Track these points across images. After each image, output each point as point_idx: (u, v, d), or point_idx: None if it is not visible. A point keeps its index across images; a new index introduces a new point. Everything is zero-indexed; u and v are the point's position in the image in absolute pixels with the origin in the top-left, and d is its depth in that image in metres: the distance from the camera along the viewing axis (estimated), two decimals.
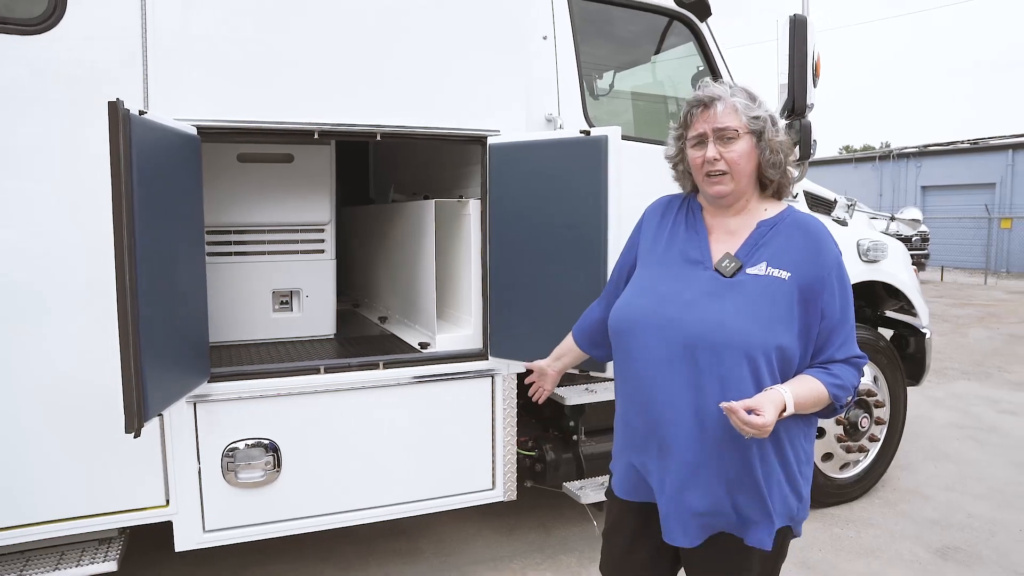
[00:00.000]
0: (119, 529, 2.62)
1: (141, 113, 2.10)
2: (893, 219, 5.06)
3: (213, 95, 2.49)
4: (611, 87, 4.00)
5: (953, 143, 23.98)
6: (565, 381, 2.28)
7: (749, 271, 1.67)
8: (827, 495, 3.99)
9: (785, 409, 1.56)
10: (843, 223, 4.19)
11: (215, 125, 2.51)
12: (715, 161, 1.71)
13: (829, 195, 4.34)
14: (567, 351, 2.19)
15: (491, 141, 2.91)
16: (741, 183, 1.73)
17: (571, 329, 2.17)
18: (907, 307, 4.43)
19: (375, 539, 3.59)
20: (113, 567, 2.47)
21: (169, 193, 2.30)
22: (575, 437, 3.35)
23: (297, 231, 3.40)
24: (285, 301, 3.42)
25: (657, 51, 3.84)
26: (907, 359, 4.47)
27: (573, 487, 3.24)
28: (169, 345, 2.30)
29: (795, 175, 1.83)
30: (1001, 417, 5.88)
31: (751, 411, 1.51)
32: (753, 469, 1.63)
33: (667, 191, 1.97)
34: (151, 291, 2.12)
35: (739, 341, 1.60)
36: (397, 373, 2.88)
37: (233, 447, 2.63)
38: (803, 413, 1.63)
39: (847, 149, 35.90)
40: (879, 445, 4.17)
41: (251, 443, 2.65)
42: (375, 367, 2.84)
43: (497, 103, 2.92)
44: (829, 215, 4.18)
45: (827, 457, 3.98)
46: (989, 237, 20.32)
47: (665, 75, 4.04)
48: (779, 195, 1.81)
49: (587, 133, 2.70)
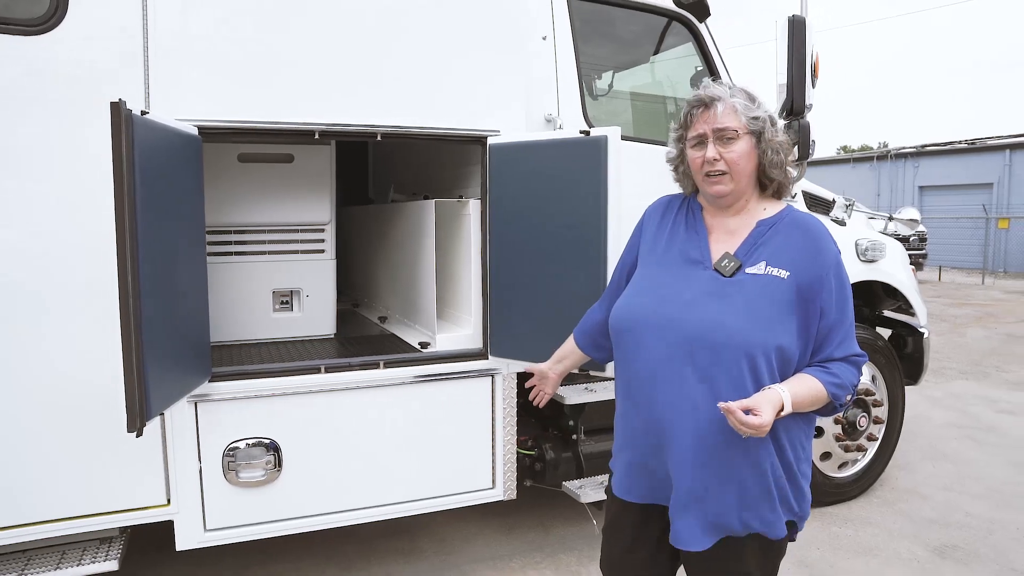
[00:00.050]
0: (120, 528, 2.62)
1: (143, 113, 2.10)
2: (891, 219, 5.07)
3: (213, 95, 2.50)
4: (610, 87, 4.01)
5: (951, 143, 24.01)
6: (564, 380, 2.28)
7: (748, 270, 1.68)
8: (825, 494, 4.00)
9: (783, 408, 1.57)
10: (841, 223, 4.21)
11: (216, 125, 2.51)
12: (715, 161, 1.72)
13: (827, 195, 4.35)
14: (568, 354, 2.17)
15: (491, 141, 2.92)
16: (741, 183, 1.74)
17: (572, 331, 2.16)
18: (905, 307, 4.44)
19: (376, 538, 3.60)
20: (114, 566, 2.48)
21: (171, 193, 2.31)
22: (575, 436, 3.35)
23: (297, 231, 3.40)
24: (285, 301, 3.42)
25: (656, 51, 3.85)
26: (905, 359, 4.48)
27: (573, 486, 3.24)
28: (171, 344, 2.30)
29: (794, 175, 1.85)
30: (999, 417, 5.90)
31: (748, 411, 1.51)
32: (753, 468, 1.64)
33: (666, 191, 1.97)
34: (153, 291, 2.13)
35: (739, 340, 1.60)
36: (397, 373, 2.88)
37: (234, 446, 2.63)
38: (802, 412, 1.64)
39: (845, 149, 35.93)
40: (877, 444, 4.19)
41: (252, 442, 2.66)
42: (376, 367, 2.85)
43: (497, 103, 2.92)
44: (827, 215, 4.20)
45: (825, 456, 4.00)
46: (987, 237, 20.36)
47: (664, 75, 4.05)
48: (779, 195, 1.82)
49: (587, 133, 2.70)
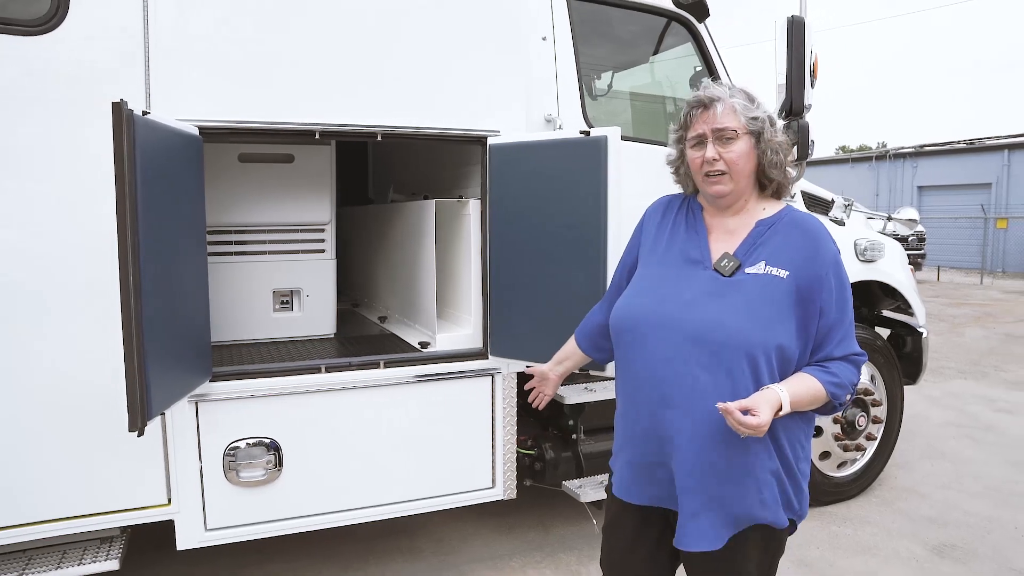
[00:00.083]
0: (120, 528, 2.63)
1: (144, 114, 2.11)
2: (890, 219, 5.07)
3: (214, 95, 2.50)
4: (610, 87, 4.01)
5: (949, 143, 24.03)
6: (564, 380, 2.28)
7: (748, 270, 1.69)
8: (824, 493, 4.00)
9: (781, 408, 1.57)
10: (840, 223, 4.22)
11: (216, 125, 2.52)
12: (714, 161, 1.73)
13: (826, 195, 4.36)
14: (569, 355, 2.17)
15: (491, 141, 2.92)
16: (740, 183, 1.75)
17: (572, 331, 2.17)
18: (904, 307, 4.45)
19: (375, 538, 3.60)
20: (115, 566, 2.48)
21: (172, 193, 2.31)
22: (574, 436, 3.36)
23: (297, 231, 3.40)
24: (285, 301, 3.43)
25: (655, 52, 3.85)
26: (904, 358, 4.49)
27: (572, 485, 3.25)
28: (172, 344, 2.30)
29: (793, 175, 1.85)
30: (997, 416, 5.91)
31: (746, 411, 1.52)
32: (752, 467, 1.64)
33: (666, 191, 1.98)
34: (154, 290, 2.13)
35: (739, 340, 1.61)
36: (398, 372, 2.89)
37: (234, 446, 2.63)
38: (801, 411, 1.65)
39: (844, 149, 35.94)
40: (876, 444, 4.19)
41: (252, 442, 2.66)
42: (376, 366, 2.85)
43: (497, 103, 2.93)
44: (826, 215, 4.20)
45: (825, 455, 4.00)
46: (985, 237, 20.39)
47: (663, 76, 4.06)
48: (778, 195, 1.83)
49: (587, 134, 2.71)
